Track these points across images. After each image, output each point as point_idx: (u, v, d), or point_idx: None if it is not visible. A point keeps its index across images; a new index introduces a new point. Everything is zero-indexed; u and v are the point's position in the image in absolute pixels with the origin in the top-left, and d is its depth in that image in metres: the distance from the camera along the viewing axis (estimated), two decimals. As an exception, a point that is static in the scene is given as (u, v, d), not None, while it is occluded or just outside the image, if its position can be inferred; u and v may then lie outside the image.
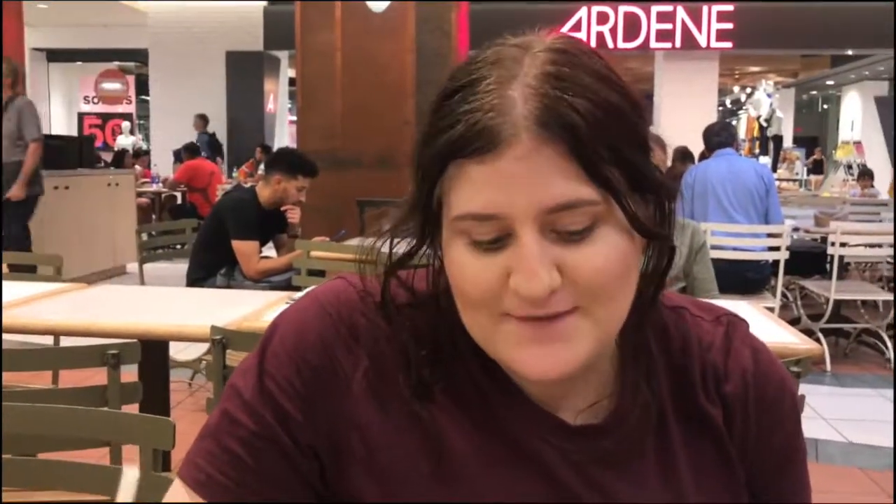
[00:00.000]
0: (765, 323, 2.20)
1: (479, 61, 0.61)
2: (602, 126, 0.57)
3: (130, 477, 0.74)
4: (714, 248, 3.90)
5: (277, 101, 14.28)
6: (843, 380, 4.43)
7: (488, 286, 0.59)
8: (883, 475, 3.17)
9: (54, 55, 16.51)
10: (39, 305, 2.18)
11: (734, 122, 19.91)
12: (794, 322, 4.53)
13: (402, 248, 0.67)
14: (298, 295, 2.42)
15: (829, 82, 19.20)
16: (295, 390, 0.64)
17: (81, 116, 17.80)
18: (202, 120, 11.92)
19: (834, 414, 3.77)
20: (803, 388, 1.37)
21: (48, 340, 2.68)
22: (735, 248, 4.27)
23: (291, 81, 13.27)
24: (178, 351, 3.28)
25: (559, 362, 0.60)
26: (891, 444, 3.45)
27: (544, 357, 0.59)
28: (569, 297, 0.59)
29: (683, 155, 6.39)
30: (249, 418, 0.64)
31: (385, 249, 0.68)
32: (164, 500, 0.66)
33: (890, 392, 4.23)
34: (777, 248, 4.29)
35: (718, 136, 4.58)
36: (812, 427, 3.55)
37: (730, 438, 0.69)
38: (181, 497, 0.64)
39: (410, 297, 0.68)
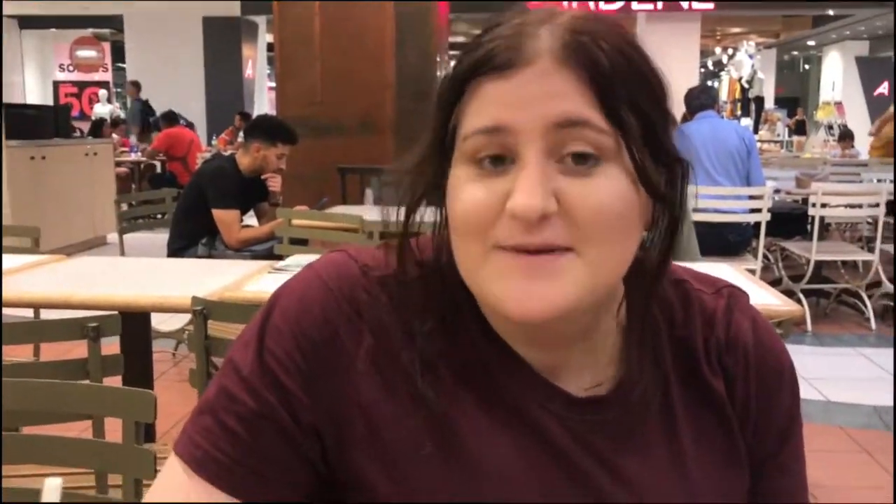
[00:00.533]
0: (746, 285, 2.21)
1: (508, 12, 0.63)
2: (623, 72, 0.59)
3: (52, 486, 0.74)
4: (696, 210, 3.91)
5: (256, 67, 14.13)
6: (823, 339, 4.49)
7: (484, 210, 0.59)
8: (861, 432, 3.23)
9: (27, 22, 16.19)
10: (18, 278, 2.16)
11: (716, 84, 19.89)
12: (775, 283, 4.56)
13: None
14: (281, 264, 2.41)
15: (811, 42, 19.18)
16: (296, 366, 0.63)
17: (57, 85, 17.50)
18: (135, 87, 11.73)
19: (814, 373, 3.82)
20: (785, 350, 1.37)
21: (28, 313, 2.67)
22: (717, 211, 4.28)
23: (270, 47, 13.10)
24: (161, 321, 3.27)
25: (545, 301, 0.59)
26: (869, 402, 3.51)
27: (530, 294, 0.58)
28: (563, 231, 0.58)
29: (665, 117, 6.36)
30: (248, 396, 0.63)
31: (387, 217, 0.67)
32: (160, 476, 0.65)
33: (869, 350, 4.29)
34: (758, 210, 4.31)
35: (699, 99, 4.57)
36: (793, 386, 3.59)
37: (732, 409, 0.69)
38: (178, 474, 0.63)
39: (413, 268, 0.67)
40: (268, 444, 0.63)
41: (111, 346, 1.79)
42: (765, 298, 2.05)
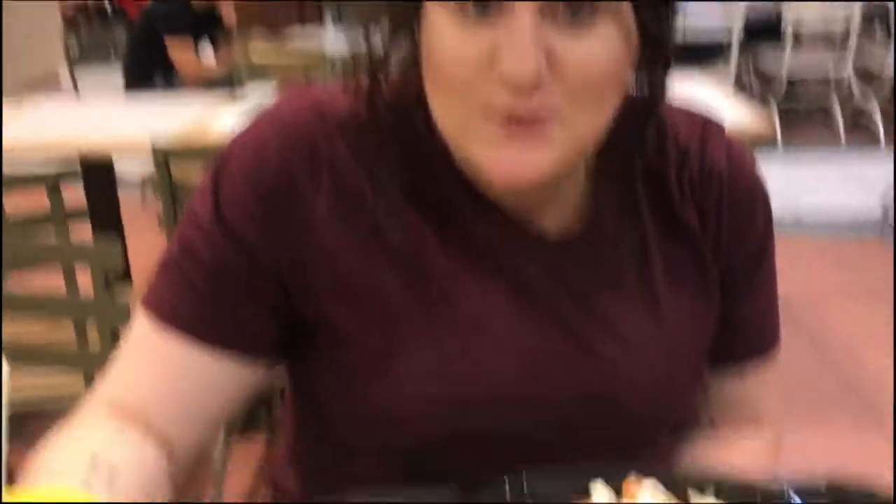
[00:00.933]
0: (718, 99, 2.18)
1: None
2: None
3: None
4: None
5: None
6: (793, 151, 4.51)
7: (468, 65, 0.54)
8: (832, 242, 3.32)
9: None
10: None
11: None
12: (746, 93, 4.52)
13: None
14: (240, 93, 2.33)
15: None
16: (254, 214, 0.61)
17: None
18: None
19: (784, 185, 3.85)
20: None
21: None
22: (688, 22, 4.16)
23: None
24: (126, 169, 3.20)
25: (529, 169, 0.56)
26: (840, 212, 3.59)
27: (515, 162, 0.56)
28: (554, 92, 0.54)
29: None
30: (208, 247, 0.61)
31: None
32: (130, 331, 0.64)
33: (839, 161, 4.33)
34: (731, 24, 4.20)
35: None
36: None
37: (704, 241, 0.69)
38: (146, 327, 0.63)
39: (375, 109, 0.63)
40: (231, 294, 0.62)
41: (76, 194, 1.75)
42: (734, 111, 2.03)
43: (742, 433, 0.80)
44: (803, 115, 5.05)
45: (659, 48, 0.59)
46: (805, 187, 3.93)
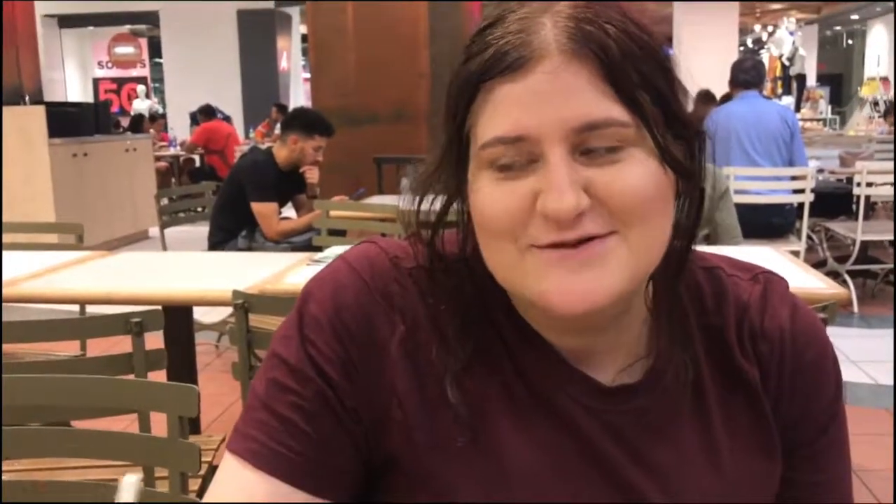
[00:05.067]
0: (790, 268, 2.17)
1: (509, 2, 0.61)
2: (632, 53, 0.57)
3: (129, 483, 0.74)
4: (737, 192, 3.84)
5: (291, 59, 14.19)
6: (870, 321, 4.39)
7: (513, 211, 0.58)
8: (912, 416, 3.16)
9: (66, 21, 16.40)
10: (63, 275, 2.20)
11: (755, 62, 19.47)
12: (820, 265, 4.48)
13: (435, 207, 0.66)
14: (319, 255, 2.42)
15: (854, 17, 18.70)
16: (336, 356, 0.64)
17: (96, 82, 17.78)
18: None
19: (862, 356, 3.74)
20: (830, 332, 1.34)
21: (74, 309, 2.71)
22: (758, 193, 4.20)
23: (304, 38, 13.17)
24: (203, 313, 3.31)
25: (589, 293, 0.58)
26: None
27: (573, 288, 0.58)
28: (601, 220, 0.57)
29: (705, 97, 6.26)
30: (299, 383, 0.63)
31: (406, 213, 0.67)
32: (217, 477, 0.65)
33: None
34: (801, 191, 4.22)
35: (747, 75, 4.44)
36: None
37: (766, 398, 0.68)
38: (235, 472, 0.63)
39: (440, 261, 0.67)
40: (324, 430, 0.63)
41: (155, 338, 1.81)
42: (809, 282, 2.00)
43: None
44: (879, 282, 4.94)
45: (687, 178, 0.62)
46: (882, 358, 3.80)
